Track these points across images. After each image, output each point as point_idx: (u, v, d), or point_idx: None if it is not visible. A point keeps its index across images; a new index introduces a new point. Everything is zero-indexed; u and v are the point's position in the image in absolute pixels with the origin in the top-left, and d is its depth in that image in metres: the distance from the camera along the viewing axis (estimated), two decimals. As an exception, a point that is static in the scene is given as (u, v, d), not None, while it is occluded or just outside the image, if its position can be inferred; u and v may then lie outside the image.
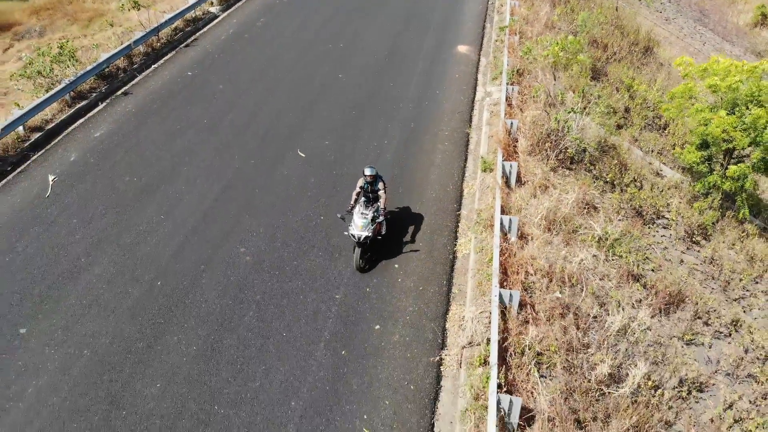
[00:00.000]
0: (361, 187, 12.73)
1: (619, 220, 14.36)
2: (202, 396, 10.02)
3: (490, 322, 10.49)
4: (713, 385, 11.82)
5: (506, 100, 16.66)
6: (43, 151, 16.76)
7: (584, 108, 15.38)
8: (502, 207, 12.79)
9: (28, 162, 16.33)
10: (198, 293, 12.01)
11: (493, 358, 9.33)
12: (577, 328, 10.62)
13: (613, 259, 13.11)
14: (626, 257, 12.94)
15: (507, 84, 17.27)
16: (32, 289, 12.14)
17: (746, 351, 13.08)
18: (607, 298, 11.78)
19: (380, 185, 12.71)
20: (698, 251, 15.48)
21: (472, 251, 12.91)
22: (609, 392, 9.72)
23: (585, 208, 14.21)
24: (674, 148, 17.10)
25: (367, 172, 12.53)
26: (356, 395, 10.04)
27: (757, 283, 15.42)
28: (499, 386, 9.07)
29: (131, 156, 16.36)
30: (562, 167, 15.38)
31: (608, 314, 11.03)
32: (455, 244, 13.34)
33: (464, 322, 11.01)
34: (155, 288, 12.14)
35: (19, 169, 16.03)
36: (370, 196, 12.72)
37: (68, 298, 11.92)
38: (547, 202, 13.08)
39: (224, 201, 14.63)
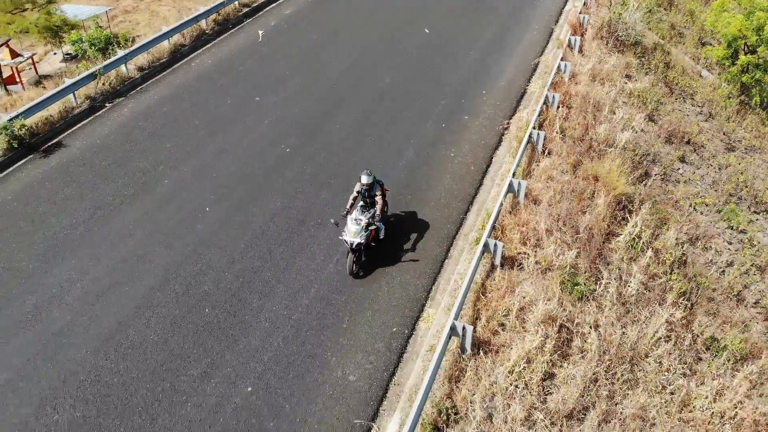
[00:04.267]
0: (358, 192, 13.19)
1: (653, 84, 21.06)
2: (361, 136, 18.23)
3: (539, 115, 17.83)
4: (691, 181, 18.51)
5: (584, 4, 23.66)
6: (252, 18, 25.88)
7: (637, 6, 22.02)
8: (562, 58, 20.00)
9: (243, 24, 25.48)
10: (356, 95, 20.27)
11: (533, 119, 16.81)
12: (594, 121, 17.78)
13: (637, 105, 19.93)
14: (646, 101, 19.71)
15: (587, -5, 24.26)
16: (256, 84, 20.97)
17: (723, 181, 19.47)
18: (621, 120, 18.73)
19: (378, 191, 13.15)
20: (716, 124, 21.82)
21: (537, 89, 20.25)
22: (603, 149, 16.87)
23: (625, 76, 21.06)
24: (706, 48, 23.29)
25: (364, 180, 12.88)
26: (449, 144, 17.80)
27: (760, 154, 21.53)
28: (533, 127, 16.55)
29: (311, 24, 25.04)
30: (617, 51, 22.23)
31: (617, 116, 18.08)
32: (527, 85, 20.72)
33: (522, 116, 18.49)
34: (331, 91, 20.57)
35: (237, 27, 25.22)
36: (367, 201, 13.24)
37: (280, 90, 20.62)
38: (595, 59, 20.13)
39: (371, 51, 22.88)
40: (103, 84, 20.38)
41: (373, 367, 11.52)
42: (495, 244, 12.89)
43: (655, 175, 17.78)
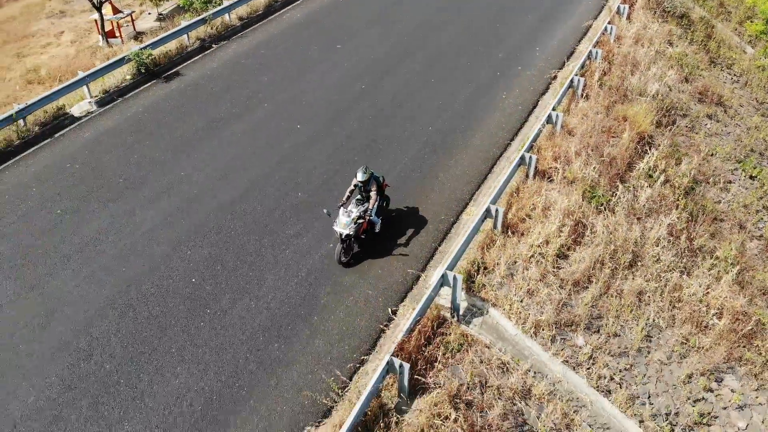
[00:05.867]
0: (355, 185, 14.21)
1: (694, 52, 23.80)
2: (425, 79, 21.82)
3: (581, 66, 20.98)
4: (716, 135, 21.30)
5: (638, -23, 26.48)
6: (335, -19, 29.83)
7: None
8: (609, 22, 23.01)
9: (327, -14, 29.47)
10: (422, 47, 23.86)
11: (576, 67, 20.01)
12: (631, 75, 20.82)
13: (675, 67, 22.76)
14: (683, 63, 22.51)
15: (641, -32, 26.97)
16: (337, 35, 24.86)
17: (745, 136, 22.11)
18: (655, 76, 21.64)
19: (373, 187, 14.03)
20: (750, 91, 24.36)
21: (585, 48, 23.34)
22: (635, 97, 19.93)
23: (666, 42, 23.86)
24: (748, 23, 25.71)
25: (359, 176, 13.87)
26: (502, 88, 21.20)
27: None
28: (575, 74, 19.78)
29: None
30: (663, 21, 25.00)
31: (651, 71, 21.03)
32: (577, 45, 23.82)
33: (569, 69, 21.69)
34: (400, 43, 24.25)
35: (323, -12, 29.21)
36: (363, 195, 14.32)
37: (357, 40, 24.45)
38: (639, 25, 23.04)
39: (438, 11, 26.43)
40: (211, 28, 24.67)
41: (424, 239, 15.20)
42: (530, 157, 16.32)
43: (684, 126, 20.70)
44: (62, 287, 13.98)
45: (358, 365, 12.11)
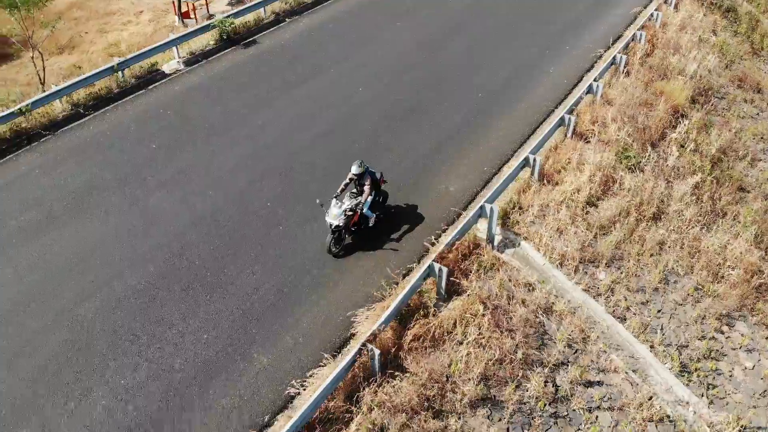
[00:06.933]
0: (350, 179, 14.67)
1: (737, 43, 25.20)
2: (473, 55, 23.94)
3: (625, 46, 22.71)
4: (751, 118, 22.70)
5: (689, -30, 27.94)
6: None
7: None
8: (656, 9, 24.65)
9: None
10: (472, 26, 25.94)
11: (620, 46, 21.80)
12: (672, 56, 22.45)
13: (717, 54, 24.21)
14: (726, 52, 23.96)
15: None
16: (396, 14, 27.22)
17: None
18: (696, 59, 23.18)
19: (367, 181, 14.52)
20: (793, 80, 25.54)
21: (631, 32, 25.04)
22: (675, 76, 21.57)
23: (711, 31, 25.30)
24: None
25: (353, 170, 14.36)
26: (549, 64, 23.13)
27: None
28: (618, 52, 21.57)
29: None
30: (710, 12, 26.43)
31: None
32: (625, 31, 25.48)
33: (616, 45, 23.48)
34: (451, 22, 26.42)
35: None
36: (358, 188, 14.87)
37: (414, 18, 26.76)
38: (685, 13, 24.60)
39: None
40: (285, 4, 27.42)
41: (466, 185, 17.33)
42: (569, 118, 18.28)
43: (720, 107, 22.23)
44: (158, 205, 16.74)
45: (405, 273, 14.39)
